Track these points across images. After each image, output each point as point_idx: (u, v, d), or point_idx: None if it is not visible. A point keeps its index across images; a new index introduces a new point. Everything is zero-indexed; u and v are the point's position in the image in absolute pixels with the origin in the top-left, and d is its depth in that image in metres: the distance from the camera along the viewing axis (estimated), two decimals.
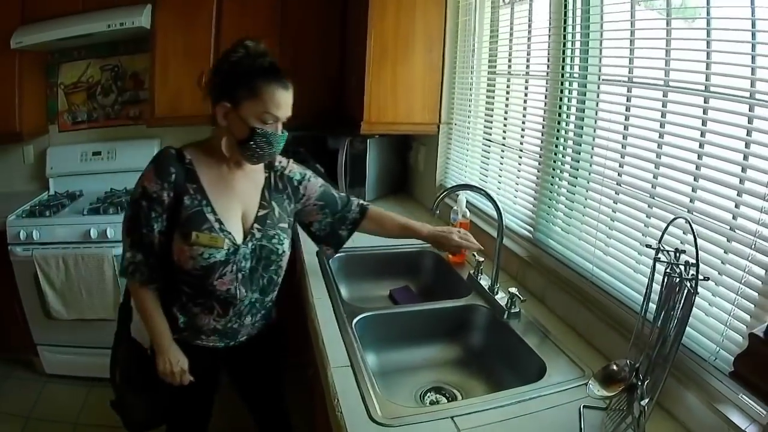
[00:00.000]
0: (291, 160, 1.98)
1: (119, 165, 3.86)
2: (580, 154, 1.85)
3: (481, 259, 2.07)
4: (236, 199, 1.78)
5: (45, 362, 3.53)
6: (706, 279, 1.10)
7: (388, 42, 2.76)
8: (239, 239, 1.74)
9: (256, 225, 1.78)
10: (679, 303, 1.07)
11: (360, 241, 2.36)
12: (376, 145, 3.24)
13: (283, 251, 1.85)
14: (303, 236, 2.33)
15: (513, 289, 1.82)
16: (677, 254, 1.12)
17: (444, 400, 1.74)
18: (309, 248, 2.35)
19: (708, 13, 1.31)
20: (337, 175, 3.25)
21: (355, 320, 1.83)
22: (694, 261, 1.05)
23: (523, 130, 2.24)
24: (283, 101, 1.67)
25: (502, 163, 2.42)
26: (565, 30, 1.89)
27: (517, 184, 2.27)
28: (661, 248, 1.15)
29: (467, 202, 2.40)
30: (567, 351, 1.62)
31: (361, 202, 2.08)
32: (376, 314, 1.93)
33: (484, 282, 2.02)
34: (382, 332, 1.91)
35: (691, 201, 1.37)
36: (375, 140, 3.22)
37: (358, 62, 2.85)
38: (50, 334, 3.43)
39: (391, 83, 2.82)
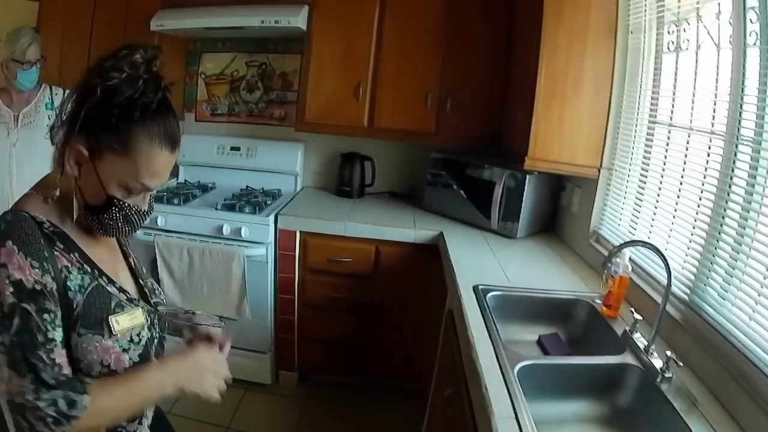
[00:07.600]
0: None
1: (258, 164, 4.08)
2: (747, 221, 1.89)
3: (639, 317, 2.14)
4: (114, 251, 1.52)
5: None
6: None
7: (557, 79, 2.92)
8: (142, 299, 1.48)
9: (140, 276, 1.56)
10: None
11: (517, 281, 2.59)
12: (532, 181, 3.37)
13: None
14: (459, 268, 2.57)
15: (669, 353, 1.88)
16: None
17: None
18: (465, 280, 2.55)
19: None
20: (491, 207, 3.40)
21: (516, 367, 1.90)
22: None
23: (681, 185, 2.33)
24: (164, 167, 1.32)
25: (654, 217, 2.54)
26: (743, 89, 1.92)
27: (668, 243, 2.38)
28: None
29: None
30: (713, 422, 1.66)
31: None
32: (535, 363, 2.00)
33: (639, 341, 2.08)
34: (537, 382, 1.95)
35: None
36: (532, 176, 3.35)
37: (526, 95, 3.00)
38: None
39: (558, 121, 2.98)
